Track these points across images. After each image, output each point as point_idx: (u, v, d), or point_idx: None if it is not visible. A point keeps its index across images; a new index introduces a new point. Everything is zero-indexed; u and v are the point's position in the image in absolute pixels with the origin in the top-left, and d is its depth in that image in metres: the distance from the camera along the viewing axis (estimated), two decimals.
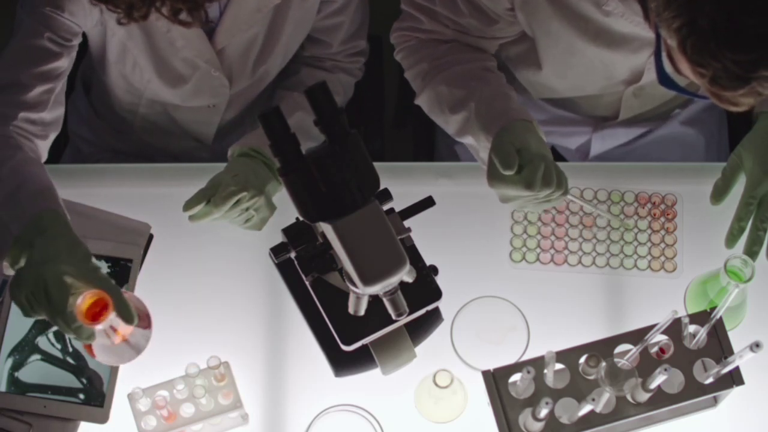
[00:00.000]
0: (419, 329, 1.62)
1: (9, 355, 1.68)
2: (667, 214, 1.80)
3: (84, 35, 1.75)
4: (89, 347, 1.53)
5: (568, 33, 1.67)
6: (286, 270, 1.63)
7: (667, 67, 1.38)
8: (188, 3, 1.52)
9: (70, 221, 1.56)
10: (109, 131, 2.03)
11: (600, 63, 1.72)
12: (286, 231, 1.51)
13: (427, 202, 1.54)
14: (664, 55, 1.37)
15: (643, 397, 1.52)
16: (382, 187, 1.39)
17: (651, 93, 1.83)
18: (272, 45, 1.82)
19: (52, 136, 1.72)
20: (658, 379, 1.46)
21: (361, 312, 1.48)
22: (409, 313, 1.48)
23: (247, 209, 1.69)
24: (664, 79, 1.42)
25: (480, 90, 1.68)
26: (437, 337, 1.67)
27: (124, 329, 1.51)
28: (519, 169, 1.54)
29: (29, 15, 1.66)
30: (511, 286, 1.74)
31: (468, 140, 1.70)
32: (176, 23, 1.55)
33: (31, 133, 1.67)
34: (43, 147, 1.71)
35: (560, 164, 1.58)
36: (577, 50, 1.70)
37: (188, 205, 1.67)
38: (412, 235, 1.53)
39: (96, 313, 1.46)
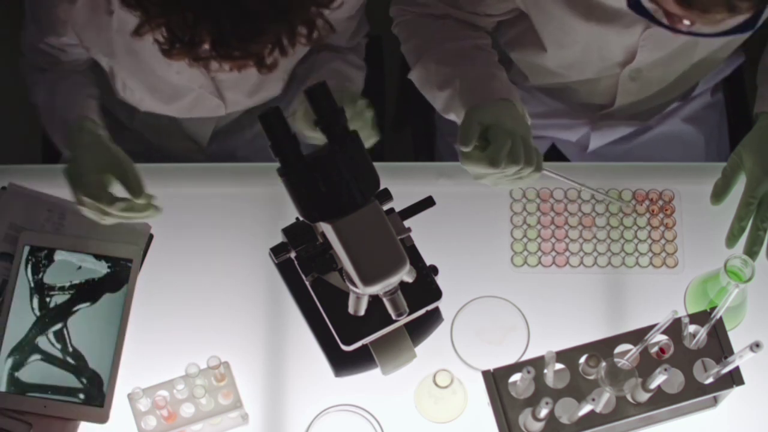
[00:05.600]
0: (419, 329, 1.62)
1: (9, 355, 1.68)
2: (666, 210, 1.80)
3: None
4: None
5: (559, 8, 1.67)
6: (286, 270, 1.63)
7: None
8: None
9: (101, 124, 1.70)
10: (108, 129, 2.02)
11: (594, 41, 1.72)
12: (286, 231, 1.50)
13: (427, 202, 1.54)
14: None
15: (643, 397, 1.52)
16: (382, 187, 1.39)
17: (648, 76, 1.82)
18: (268, 75, 1.79)
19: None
20: (658, 379, 1.46)
21: (361, 312, 1.48)
22: (409, 313, 1.48)
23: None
24: (632, 2, 1.42)
25: (466, 68, 1.68)
26: (437, 337, 1.67)
27: None
28: (486, 145, 1.55)
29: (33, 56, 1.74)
30: (511, 286, 1.74)
31: (452, 117, 1.70)
32: (167, 56, 1.35)
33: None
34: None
35: (559, 164, 1.57)
36: (570, 27, 1.70)
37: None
38: (412, 235, 1.53)
39: None
